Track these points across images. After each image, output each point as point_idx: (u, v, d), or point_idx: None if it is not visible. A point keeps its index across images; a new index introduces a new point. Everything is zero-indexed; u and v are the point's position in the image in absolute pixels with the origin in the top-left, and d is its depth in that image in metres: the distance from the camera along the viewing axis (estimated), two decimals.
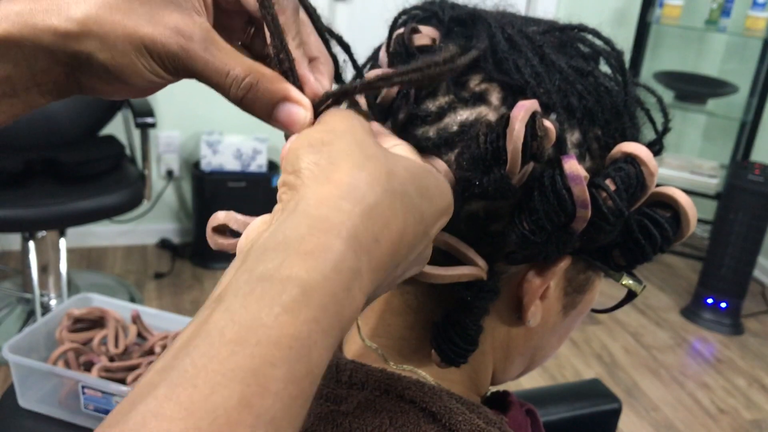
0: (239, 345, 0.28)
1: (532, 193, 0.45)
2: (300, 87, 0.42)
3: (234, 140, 2.75)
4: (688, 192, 2.66)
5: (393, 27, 0.53)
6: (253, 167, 2.78)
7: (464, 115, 0.47)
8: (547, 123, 0.44)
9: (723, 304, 2.72)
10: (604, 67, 0.52)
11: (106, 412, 1.13)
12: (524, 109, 0.43)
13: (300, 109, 0.41)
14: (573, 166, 0.44)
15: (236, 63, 0.40)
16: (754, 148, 3.00)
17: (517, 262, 0.49)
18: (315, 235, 0.32)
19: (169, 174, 2.91)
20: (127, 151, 2.48)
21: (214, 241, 0.44)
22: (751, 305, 2.91)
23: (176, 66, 0.40)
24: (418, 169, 0.38)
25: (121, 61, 0.39)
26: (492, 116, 0.46)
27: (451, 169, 0.45)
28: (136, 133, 2.42)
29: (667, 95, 3.09)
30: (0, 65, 0.38)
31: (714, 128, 3.48)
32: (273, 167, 2.84)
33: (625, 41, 3.02)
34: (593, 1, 3.12)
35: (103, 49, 0.38)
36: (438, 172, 0.41)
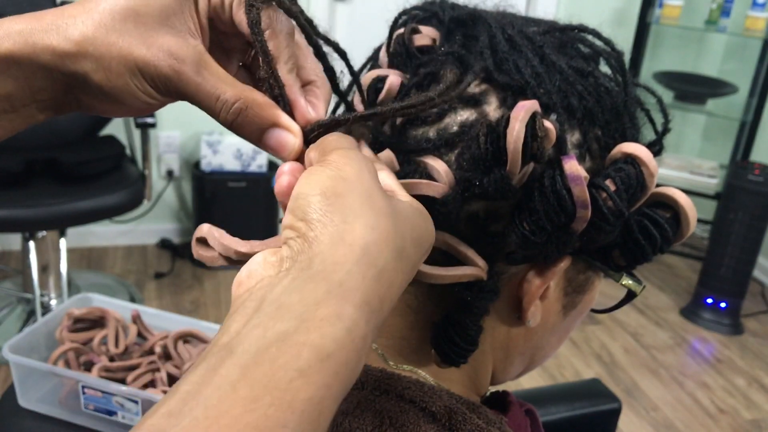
0: (253, 404, 0.29)
1: (533, 193, 0.45)
2: (290, 113, 0.43)
3: (234, 140, 2.76)
4: (688, 192, 2.65)
5: (393, 27, 0.53)
6: (253, 167, 2.78)
7: (464, 115, 0.47)
8: (548, 123, 0.44)
9: (723, 304, 2.72)
10: (605, 68, 0.52)
11: (107, 411, 1.13)
12: (524, 109, 0.43)
13: (289, 135, 0.42)
14: (573, 166, 0.44)
15: (227, 87, 0.41)
16: (754, 148, 3.00)
17: (517, 263, 0.49)
18: (331, 301, 0.32)
19: (170, 174, 2.91)
20: (128, 151, 2.48)
21: (196, 251, 0.45)
22: (751, 305, 2.91)
23: (168, 88, 0.40)
24: (415, 218, 0.39)
25: (115, 82, 0.39)
26: (492, 116, 0.46)
27: (451, 170, 0.45)
28: (137, 133, 2.42)
29: (667, 95, 3.09)
30: (1, 82, 0.39)
31: (713, 128, 3.48)
32: (273, 167, 2.84)
33: (624, 41, 3.02)
34: (593, 2, 3.12)
35: (98, 69, 0.39)
36: (425, 211, 0.41)
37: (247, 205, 2.78)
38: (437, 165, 0.46)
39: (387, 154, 0.47)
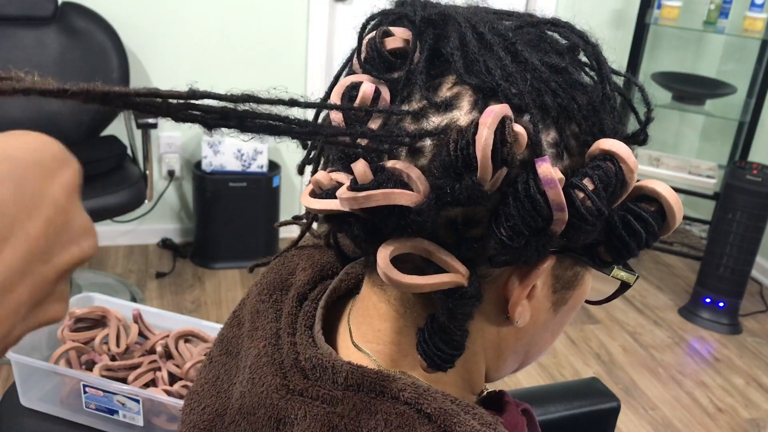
0: None
1: (508, 198, 0.44)
2: None
3: (235, 140, 2.76)
4: (687, 192, 2.65)
5: (362, 32, 0.52)
6: (254, 167, 2.79)
7: (436, 121, 0.46)
8: (518, 128, 0.43)
9: (721, 304, 2.73)
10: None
11: (108, 411, 1.14)
12: (492, 115, 0.42)
13: None
14: (546, 169, 0.43)
15: None
16: (752, 149, 3.01)
17: (500, 265, 0.48)
18: None
19: (171, 174, 2.92)
20: (129, 152, 2.49)
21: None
22: (749, 305, 2.92)
23: None
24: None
25: None
26: (463, 121, 0.45)
27: (425, 176, 0.45)
28: (138, 134, 2.43)
29: (666, 96, 3.10)
30: None
31: (712, 129, 3.49)
32: (273, 167, 2.85)
33: (623, 42, 3.03)
34: (591, 3, 3.13)
35: None
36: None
37: (248, 205, 2.79)
38: (411, 172, 0.44)
39: (360, 164, 0.45)
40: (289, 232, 3.01)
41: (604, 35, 0.51)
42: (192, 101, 0.37)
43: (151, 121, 2.28)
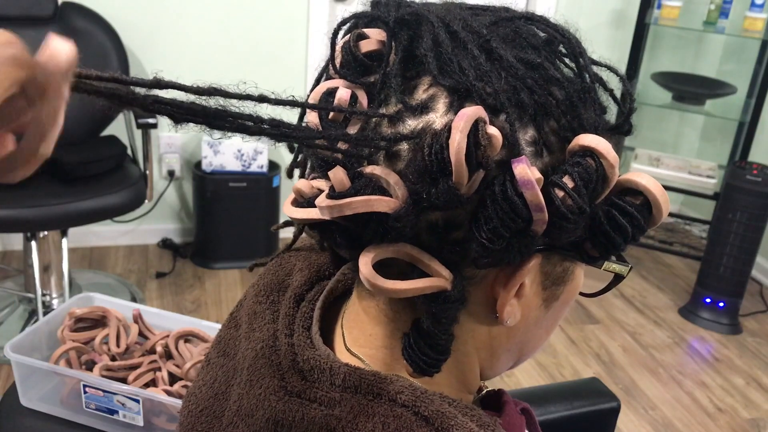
0: None
1: (486, 201, 0.44)
2: None
3: (235, 141, 2.76)
4: (687, 192, 2.65)
5: (335, 36, 0.51)
6: (254, 167, 2.79)
7: (412, 124, 0.45)
8: (492, 130, 0.42)
9: (721, 304, 2.73)
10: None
11: (108, 411, 1.14)
12: (465, 118, 0.42)
13: None
14: (522, 170, 0.43)
15: None
16: (752, 149, 3.01)
17: (484, 267, 0.47)
18: None
19: (171, 174, 2.92)
20: (129, 152, 2.49)
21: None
22: (749, 305, 2.92)
23: None
24: None
25: None
26: (439, 124, 0.44)
27: (403, 181, 0.44)
28: (138, 134, 2.43)
29: (666, 96, 3.10)
30: None
31: (712, 129, 3.49)
32: (274, 167, 2.85)
33: (623, 42, 3.03)
34: (591, 3, 3.13)
35: None
36: None
37: (248, 205, 2.79)
38: (389, 178, 0.44)
39: (337, 171, 0.45)
40: (289, 232, 3.00)
41: (604, 35, 0.51)
42: (184, 95, 0.36)
43: (151, 121, 2.28)
